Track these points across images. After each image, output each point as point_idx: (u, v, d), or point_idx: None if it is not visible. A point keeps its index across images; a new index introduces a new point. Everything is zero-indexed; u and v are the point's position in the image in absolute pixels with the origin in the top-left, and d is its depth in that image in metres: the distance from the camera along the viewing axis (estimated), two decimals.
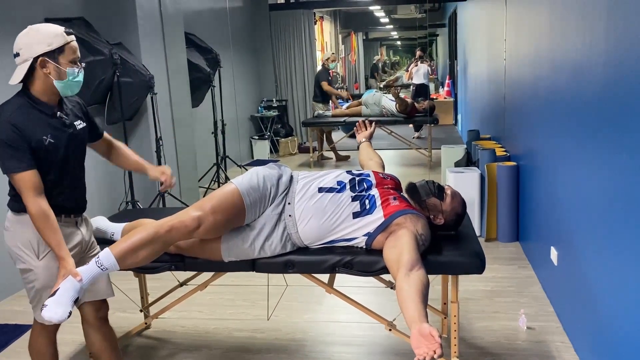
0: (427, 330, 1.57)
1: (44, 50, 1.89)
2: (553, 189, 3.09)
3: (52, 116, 1.97)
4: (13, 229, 2.04)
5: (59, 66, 1.91)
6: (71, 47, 1.95)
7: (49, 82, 1.93)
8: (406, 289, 1.81)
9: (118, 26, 4.62)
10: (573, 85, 2.68)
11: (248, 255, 2.23)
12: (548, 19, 3.19)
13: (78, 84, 2.00)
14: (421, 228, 2.11)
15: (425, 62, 10.50)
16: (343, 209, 2.19)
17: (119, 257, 2.02)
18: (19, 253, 2.02)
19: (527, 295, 3.25)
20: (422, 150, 7.64)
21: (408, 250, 1.97)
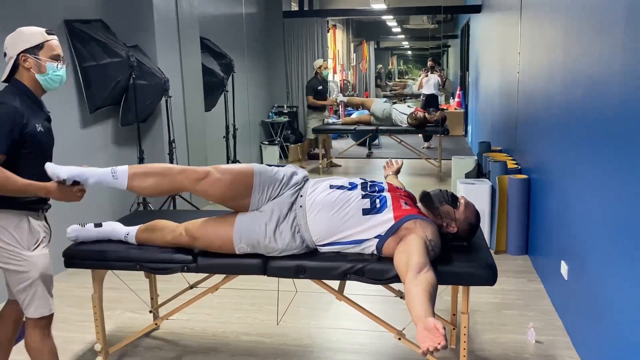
0: (431, 323, 1.60)
1: (24, 47, 2.08)
2: (565, 204, 3.08)
3: (40, 108, 2.17)
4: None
5: (39, 61, 2.09)
6: (50, 44, 2.12)
7: (32, 76, 2.11)
8: (414, 290, 1.83)
9: (135, 29, 4.68)
10: (588, 100, 2.68)
11: (259, 240, 2.21)
12: (563, 33, 3.20)
13: (59, 78, 2.16)
14: (431, 234, 2.12)
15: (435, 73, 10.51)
16: (353, 204, 2.21)
17: (130, 175, 2.19)
18: (6, 248, 2.05)
19: (536, 308, 3.24)
20: (432, 161, 7.64)
21: (417, 254, 1.99)
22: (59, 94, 3.93)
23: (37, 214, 2.16)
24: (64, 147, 4.00)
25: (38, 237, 2.13)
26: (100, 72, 4.12)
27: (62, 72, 2.16)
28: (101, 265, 2.39)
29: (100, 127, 4.42)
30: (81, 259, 2.39)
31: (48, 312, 2.18)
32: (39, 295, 2.13)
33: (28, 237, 2.09)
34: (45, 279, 2.14)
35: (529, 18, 4.36)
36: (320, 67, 7.72)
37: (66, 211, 3.83)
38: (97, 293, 2.48)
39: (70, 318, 3.24)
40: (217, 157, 6.29)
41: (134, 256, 2.34)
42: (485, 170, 4.88)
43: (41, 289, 2.12)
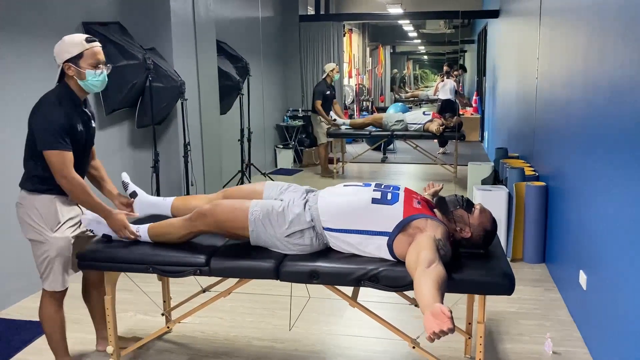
0: (437, 309, 1.59)
1: (66, 57, 2.31)
2: (584, 212, 3.02)
3: (81, 109, 2.41)
4: (26, 205, 2.38)
5: (79, 69, 2.31)
6: (89, 52, 2.32)
7: (76, 81, 2.35)
8: (422, 281, 1.83)
9: (152, 32, 4.70)
10: (610, 107, 2.62)
11: (273, 206, 2.29)
12: (585, 38, 3.14)
13: (99, 82, 2.37)
14: (440, 234, 2.11)
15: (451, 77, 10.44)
16: (363, 194, 2.26)
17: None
18: (33, 226, 2.37)
19: (553, 318, 3.18)
20: (447, 166, 7.57)
21: (426, 250, 1.99)
22: None
23: (67, 198, 2.41)
24: None
25: (61, 220, 2.39)
26: (117, 74, 4.13)
27: (101, 78, 2.37)
28: (114, 267, 2.39)
29: (116, 129, 4.44)
30: (94, 260, 2.39)
31: (60, 288, 2.47)
32: (54, 271, 2.42)
33: (53, 219, 2.37)
34: (62, 258, 2.41)
35: (548, 23, 4.30)
36: (333, 71, 7.43)
37: None
38: (110, 295, 2.48)
39: (84, 319, 3.23)
40: (232, 161, 6.30)
41: (146, 259, 2.33)
42: (502, 177, 4.81)
43: (57, 266, 2.41)
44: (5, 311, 3.35)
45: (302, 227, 2.26)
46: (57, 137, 2.24)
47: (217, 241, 2.48)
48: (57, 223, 2.37)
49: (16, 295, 3.48)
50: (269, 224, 2.28)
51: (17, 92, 3.46)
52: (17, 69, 3.46)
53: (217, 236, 2.55)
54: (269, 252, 2.33)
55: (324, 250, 2.34)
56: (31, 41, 3.57)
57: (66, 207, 2.42)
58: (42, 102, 2.33)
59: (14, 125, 3.45)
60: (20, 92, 3.48)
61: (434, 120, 7.07)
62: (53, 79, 2.40)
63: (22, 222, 2.40)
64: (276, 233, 2.28)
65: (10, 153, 3.42)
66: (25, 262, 3.53)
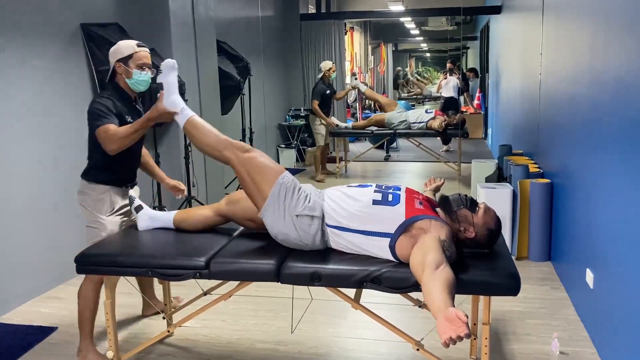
0: (452, 312, 1.54)
1: (118, 57, 2.64)
2: (590, 209, 2.97)
3: (131, 105, 2.73)
4: (85, 193, 2.69)
5: (128, 69, 2.64)
6: (137, 55, 2.64)
7: (124, 79, 2.67)
8: (431, 284, 1.78)
9: (151, 32, 4.67)
10: (616, 103, 2.58)
11: (300, 185, 2.34)
12: (589, 33, 3.09)
13: (143, 82, 2.68)
14: (445, 235, 2.06)
15: (454, 75, 10.39)
16: (364, 195, 2.25)
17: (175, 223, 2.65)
18: (90, 211, 2.68)
19: (560, 318, 3.13)
20: (451, 164, 7.52)
21: (433, 251, 1.93)
22: (75, 97, 3.94)
23: (120, 189, 2.74)
24: (80, 150, 4.00)
25: (115, 207, 2.71)
26: None
27: (145, 77, 2.67)
28: (112, 271, 2.35)
29: None
30: (93, 264, 2.35)
31: None
32: None
33: (106, 205, 2.68)
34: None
35: (551, 18, 4.25)
36: (330, 70, 7.13)
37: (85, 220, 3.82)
38: (109, 299, 2.44)
39: None
40: None
41: (145, 262, 2.29)
42: (506, 174, 4.76)
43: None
44: (5, 316, 3.33)
45: (314, 214, 2.26)
46: (100, 116, 2.52)
47: (217, 243, 2.45)
48: (110, 210, 2.69)
49: (16, 300, 3.46)
50: (289, 196, 2.27)
51: (16, 92, 3.44)
52: (14, 71, 3.43)
53: (218, 238, 2.52)
54: (270, 254, 2.29)
55: (325, 252, 2.31)
56: (28, 43, 3.54)
57: (119, 196, 2.74)
58: (94, 99, 2.66)
59: (12, 127, 3.42)
60: (17, 93, 3.46)
61: (436, 118, 7.01)
62: (51, 81, 2.45)
63: (82, 208, 2.72)
64: (290, 207, 2.26)
65: (8, 156, 3.39)
66: (25, 267, 3.51)
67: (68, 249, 2.77)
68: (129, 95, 2.72)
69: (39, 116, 3.62)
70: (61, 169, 3.81)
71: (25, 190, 3.52)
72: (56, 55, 3.77)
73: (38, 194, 3.62)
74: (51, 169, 3.73)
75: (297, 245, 2.30)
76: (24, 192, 3.51)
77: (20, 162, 3.48)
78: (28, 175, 3.54)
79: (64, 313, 3.34)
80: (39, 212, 3.63)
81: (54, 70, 3.75)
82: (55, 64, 3.76)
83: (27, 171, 3.53)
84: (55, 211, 3.76)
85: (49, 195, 3.71)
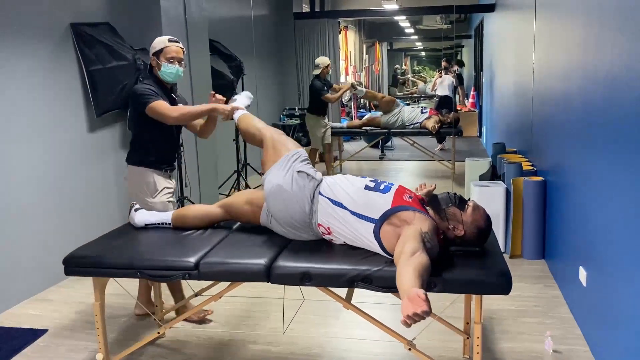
0: (413, 292, 1.59)
1: (153, 51, 2.90)
2: (583, 207, 2.96)
3: (169, 95, 2.93)
4: (132, 177, 2.95)
5: (159, 61, 2.88)
6: (168, 50, 2.87)
7: (156, 71, 2.92)
8: (403, 270, 1.84)
9: (143, 32, 4.63)
10: (608, 100, 2.57)
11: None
12: (581, 31, 3.08)
13: (170, 74, 2.89)
14: (427, 227, 2.08)
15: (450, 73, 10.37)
16: (359, 181, 2.36)
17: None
18: (136, 193, 2.92)
19: (554, 316, 3.12)
20: (445, 162, 7.51)
21: (411, 240, 1.98)
22: (65, 98, 3.91)
23: (161, 172, 2.97)
24: (71, 151, 3.98)
25: (158, 189, 2.93)
26: (107, 75, 4.08)
27: (173, 70, 2.88)
28: (101, 273, 2.33)
29: (108, 131, 4.39)
30: (81, 266, 2.32)
31: None
32: None
33: (152, 188, 2.92)
34: None
35: (544, 16, 4.24)
36: (328, 67, 6.67)
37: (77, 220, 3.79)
38: (98, 301, 2.41)
39: (75, 325, 3.19)
40: (227, 161, 6.24)
41: (134, 263, 2.27)
42: (500, 172, 4.75)
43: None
44: None
45: (314, 176, 2.42)
46: (150, 95, 2.77)
47: (209, 242, 2.43)
48: (155, 191, 2.91)
49: (6, 302, 3.43)
50: (299, 161, 2.47)
51: (5, 93, 3.40)
52: (3, 71, 3.39)
53: (210, 237, 2.50)
54: (260, 253, 2.27)
55: (316, 251, 2.29)
56: (17, 42, 3.50)
57: (162, 178, 2.96)
58: (136, 84, 2.93)
59: (1, 127, 3.39)
60: (6, 93, 3.42)
61: (430, 118, 7.00)
62: (40, 81, 2.44)
63: (130, 191, 2.97)
64: (295, 166, 2.44)
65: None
66: (15, 269, 3.48)
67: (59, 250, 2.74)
68: (165, 85, 2.94)
69: (29, 117, 3.59)
70: (51, 169, 3.78)
71: (14, 191, 3.49)
72: (46, 55, 3.74)
73: (28, 195, 3.59)
74: (41, 170, 3.70)
75: (284, 209, 2.34)
76: (13, 193, 3.47)
77: (10, 162, 3.45)
78: (17, 176, 3.51)
79: (54, 315, 3.32)
80: (29, 213, 3.60)
81: (44, 70, 3.72)
82: (45, 63, 3.73)
83: (16, 172, 3.50)
84: (45, 212, 3.73)
85: (39, 196, 3.68)
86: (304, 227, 2.37)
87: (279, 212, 2.38)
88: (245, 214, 2.59)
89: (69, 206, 3.94)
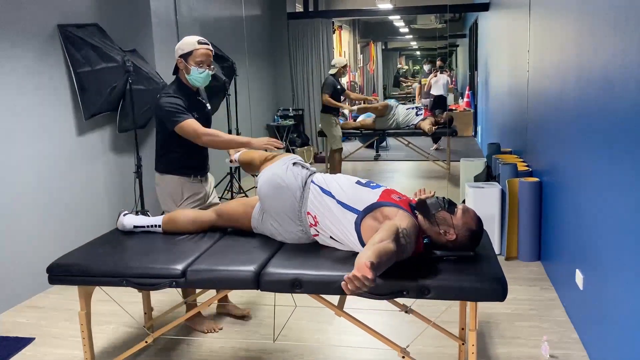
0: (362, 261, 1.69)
1: (180, 53, 2.74)
2: (579, 208, 2.92)
3: (194, 98, 2.82)
4: (160, 184, 2.88)
5: (187, 65, 2.73)
6: (197, 53, 2.72)
7: (183, 74, 2.78)
8: (364, 250, 1.87)
9: (133, 33, 4.57)
10: (603, 99, 2.52)
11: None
12: (576, 30, 3.04)
13: (200, 79, 2.77)
14: (406, 225, 2.06)
15: (445, 72, 10.31)
16: (351, 178, 2.40)
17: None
18: (165, 201, 2.87)
19: (550, 320, 3.07)
20: (440, 163, 7.47)
21: (384, 231, 1.97)
22: (53, 100, 3.84)
23: (190, 178, 2.85)
24: (59, 155, 3.91)
25: (184, 196, 2.84)
26: (95, 77, 4.01)
27: (203, 75, 2.76)
28: (86, 281, 2.27)
29: (97, 134, 4.32)
30: (65, 274, 2.26)
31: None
32: None
33: (178, 195, 2.83)
34: None
35: (538, 15, 4.19)
36: (345, 67, 6.75)
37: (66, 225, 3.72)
38: (84, 310, 2.36)
39: (64, 333, 3.12)
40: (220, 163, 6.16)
41: (120, 271, 2.21)
42: (495, 173, 4.70)
43: None
44: None
45: (308, 167, 2.49)
46: (180, 113, 2.67)
47: (197, 249, 2.37)
48: (180, 199, 2.83)
49: None
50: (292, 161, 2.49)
51: None
52: None
53: (199, 243, 2.45)
54: (250, 260, 2.22)
55: (307, 256, 2.23)
56: (1, 44, 3.43)
57: (188, 185, 2.86)
58: (161, 94, 2.75)
59: None
60: None
61: (426, 119, 6.96)
62: (27, 83, 2.35)
63: (159, 196, 2.91)
64: (290, 161, 2.47)
65: None
66: (2, 275, 3.41)
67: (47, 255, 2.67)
68: (191, 89, 2.82)
69: (15, 120, 3.52)
70: (39, 174, 3.71)
71: (1, 196, 3.42)
72: (32, 57, 3.67)
73: (15, 199, 3.52)
74: (28, 174, 3.63)
75: (277, 195, 2.36)
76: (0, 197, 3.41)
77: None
78: (3, 181, 3.44)
79: (42, 323, 3.25)
80: (16, 218, 3.53)
81: (31, 72, 3.65)
82: (31, 66, 3.65)
83: (3, 176, 3.43)
84: (33, 217, 3.66)
85: (26, 200, 3.61)
86: (294, 217, 2.36)
87: (271, 199, 2.39)
88: (237, 214, 2.57)
89: (57, 211, 3.87)
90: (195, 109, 2.78)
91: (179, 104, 2.69)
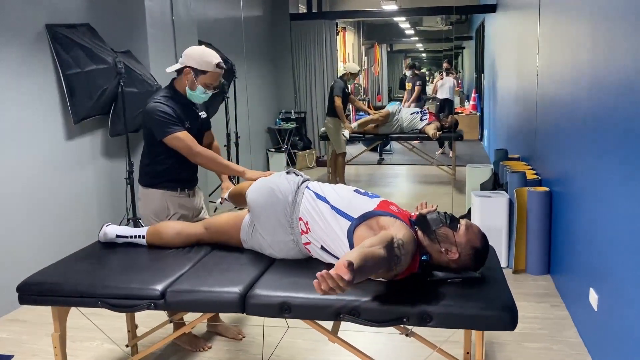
0: (341, 260, 1.56)
1: (193, 65, 2.57)
2: (593, 221, 2.72)
3: (188, 107, 2.67)
4: (144, 199, 2.72)
5: (195, 81, 2.58)
6: (212, 75, 2.59)
7: (184, 86, 2.62)
8: (350, 251, 1.78)
9: (126, 33, 4.41)
10: (621, 106, 2.33)
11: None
12: (590, 32, 2.85)
13: (201, 98, 2.66)
14: (402, 235, 1.89)
15: (451, 75, 10.10)
16: (349, 187, 2.28)
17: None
18: (149, 219, 2.68)
19: (561, 340, 2.88)
20: (445, 168, 7.27)
21: (376, 238, 1.84)
22: (40, 104, 3.68)
23: (177, 192, 2.69)
24: (48, 160, 3.75)
25: (170, 213, 2.67)
26: (85, 79, 3.85)
27: (205, 96, 2.64)
28: (59, 302, 2.09)
29: (88, 139, 4.15)
30: (36, 294, 2.09)
31: None
32: None
33: (163, 211, 2.66)
34: None
35: (549, 16, 4.00)
36: (354, 75, 6.73)
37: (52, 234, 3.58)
38: (57, 332, 2.17)
39: (45, 350, 2.95)
40: None
41: (95, 292, 2.03)
42: (503, 181, 4.51)
43: None
44: None
45: (302, 175, 2.36)
46: (170, 124, 2.52)
47: (180, 267, 2.19)
48: (166, 215, 2.67)
49: None
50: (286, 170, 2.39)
51: None
52: None
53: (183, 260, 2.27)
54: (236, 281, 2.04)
55: (298, 277, 2.05)
56: None
57: (175, 201, 2.69)
58: (151, 100, 2.59)
59: None
60: None
61: (430, 124, 6.76)
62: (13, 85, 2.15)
63: (142, 212, 2.76)
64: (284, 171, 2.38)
65: None
66: None
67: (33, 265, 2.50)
68: (186, 97, 2.66)
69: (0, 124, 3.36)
70: (26, 180, 3.55)
71: None
72: (18, 58, 3.50)
73: None
74: (14, 180, 3.47)
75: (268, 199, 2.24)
76: None
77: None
78: None
79: (23, 338, 3.08)
80: (0, 226, 3.37)
81: (17, 74, 3.49)
82: (17, 67, 3.49)
83: None
84: (18, 226, 3.50)
85: (11, 208, 3.44)
86: (285, 223, 2.20)
87: (262, 205, 2.25)
88: (227, 226, 2.42)
89: (44, 220, 3.70)
90: (188, 118, 2.63)
91: (169, 114, 2.54)
